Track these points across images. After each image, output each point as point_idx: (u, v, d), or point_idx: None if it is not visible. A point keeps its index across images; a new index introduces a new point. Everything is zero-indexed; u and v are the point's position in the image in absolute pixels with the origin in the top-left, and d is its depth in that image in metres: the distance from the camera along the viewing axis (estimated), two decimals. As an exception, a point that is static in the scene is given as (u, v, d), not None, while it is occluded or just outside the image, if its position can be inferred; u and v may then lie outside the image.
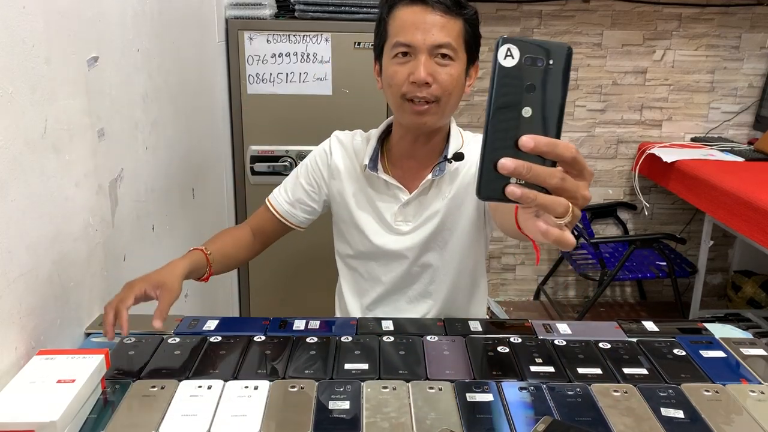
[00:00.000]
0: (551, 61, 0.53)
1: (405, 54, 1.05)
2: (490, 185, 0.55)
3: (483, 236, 1.21)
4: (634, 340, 1.00)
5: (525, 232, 0.71)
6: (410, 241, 1.17)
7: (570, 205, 0.55)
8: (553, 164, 0.56)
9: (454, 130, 1.17)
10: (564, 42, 0.54)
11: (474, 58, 1.10)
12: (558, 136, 0.55)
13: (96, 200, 1.04)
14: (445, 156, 1.14)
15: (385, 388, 0.84)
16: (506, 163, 0.53)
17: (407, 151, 1.16)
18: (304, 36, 2.00)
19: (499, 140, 0.54)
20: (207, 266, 1.12)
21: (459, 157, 1.12)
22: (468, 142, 1.17)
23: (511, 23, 2.73)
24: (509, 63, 0.53)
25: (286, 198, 1.25)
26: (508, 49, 0.52)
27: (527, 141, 0.53)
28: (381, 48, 1.11)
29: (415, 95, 1.04)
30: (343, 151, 1.22)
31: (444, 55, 1.04)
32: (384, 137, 1.21)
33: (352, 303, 1.26)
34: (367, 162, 1.16)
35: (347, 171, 1.20)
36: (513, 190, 0.54)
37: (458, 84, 1.06)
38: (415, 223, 1.17)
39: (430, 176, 1.14)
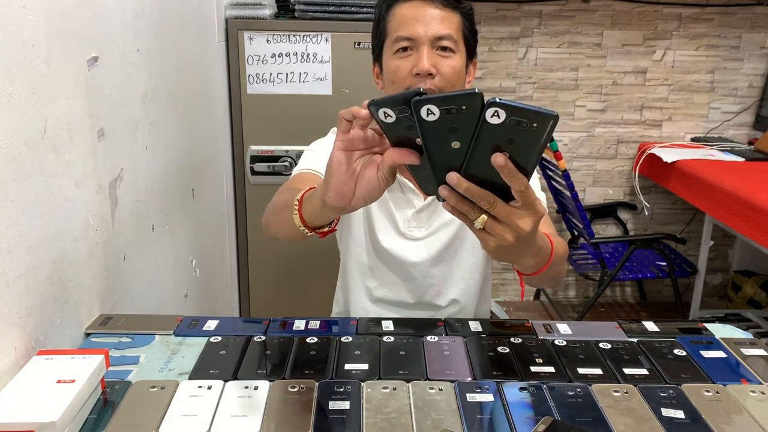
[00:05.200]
0: (534, 124, 0.58)
1: (406, 49, 1.05)
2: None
3: None
4: (635, 340, 1.00)
5: (516, 268, 0.83)
6: (424, 248, 1.15)
7: (481, 215, 0.64)
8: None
9: None
10: (552, 110, 0.57)
11: (472, 54, 1.10)
12: (528, 176, 0.62)
13: (96, 200, 1.03)
14: None
15: (385, 388, 0.84)
16: (452, 176, 0.63)
17: None
18: (304, 36, 2.00)
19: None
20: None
21: None
22: None
23: (511, 23, 2.72)
24: (494, 121, 0.58)
25: (318, 162, 1.09)
26: (496, 111, 0.58)
27: (498, 160, 0.60)
28: (380, 48, 1.11)
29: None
30: None
31: (445, 48, 1.04)
32: None
33: (354, 302, 1.24)
34: None
35: None
36: (442, 192, 0.65)
37: (460, 77, 1.07)
38: (429, 230, 1.15)
39: None
